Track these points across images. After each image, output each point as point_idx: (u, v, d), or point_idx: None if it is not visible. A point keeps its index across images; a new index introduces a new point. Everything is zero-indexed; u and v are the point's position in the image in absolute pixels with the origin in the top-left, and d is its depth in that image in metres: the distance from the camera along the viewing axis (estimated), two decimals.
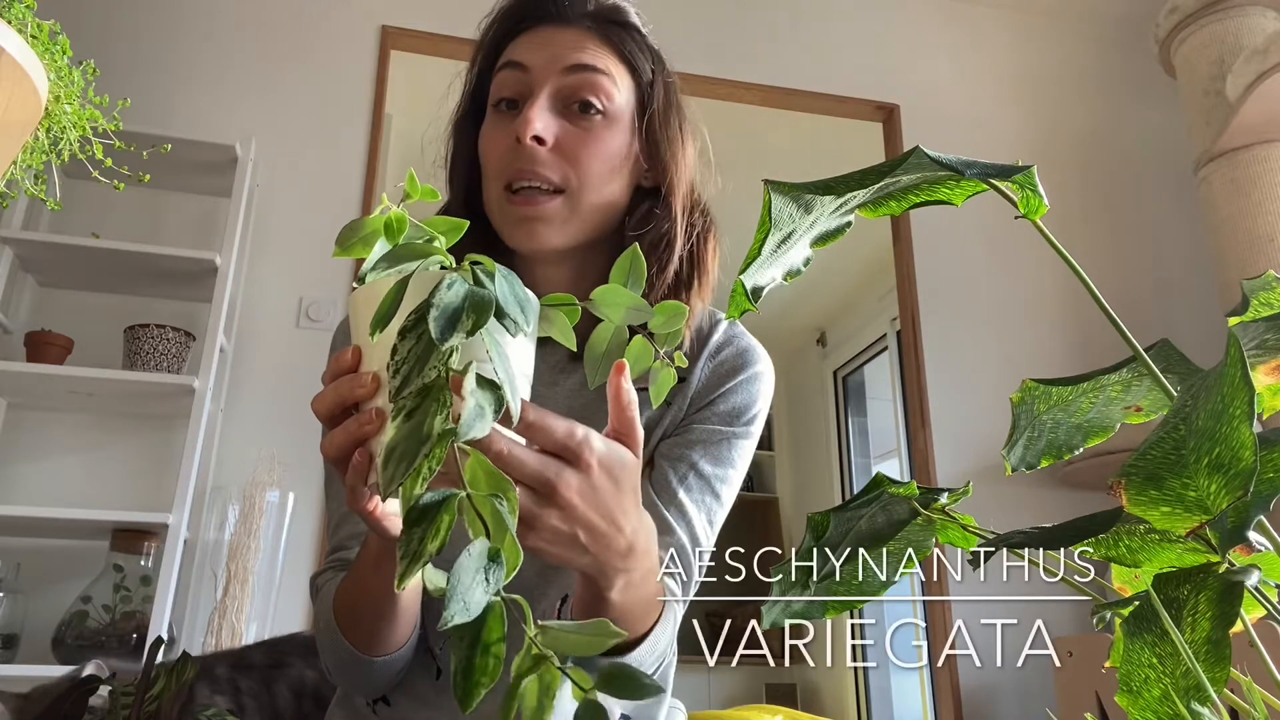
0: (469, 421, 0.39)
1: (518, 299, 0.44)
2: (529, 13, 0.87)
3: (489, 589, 0.36)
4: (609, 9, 0.89)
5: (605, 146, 0.85)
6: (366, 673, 0.80)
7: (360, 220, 0.47)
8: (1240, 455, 0.33)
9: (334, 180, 2.59)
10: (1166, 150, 3.22)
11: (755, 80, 3.02)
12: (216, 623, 2.00)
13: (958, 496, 0.47)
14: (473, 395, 0.40)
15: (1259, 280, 0.48)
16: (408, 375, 0.40)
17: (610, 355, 0.54)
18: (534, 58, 0.85)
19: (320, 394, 0.51)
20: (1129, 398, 0.49)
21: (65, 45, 0.93)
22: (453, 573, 0.36)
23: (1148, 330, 1.15)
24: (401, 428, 0.39)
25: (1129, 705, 0.37)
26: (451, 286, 0.41)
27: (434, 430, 0.38)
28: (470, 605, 0.35)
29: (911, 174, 0.42)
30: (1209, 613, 0.35)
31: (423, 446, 0.38)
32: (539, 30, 0.87)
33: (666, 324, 0.53)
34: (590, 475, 0.52)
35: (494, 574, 0.36)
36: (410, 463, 0.38)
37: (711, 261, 0.91)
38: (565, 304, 0.52)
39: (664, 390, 0.54)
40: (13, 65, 0.58)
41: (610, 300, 0.52)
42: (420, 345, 0.40)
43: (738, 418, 0.89)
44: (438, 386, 0.40)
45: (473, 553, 0.36)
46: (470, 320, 0.40)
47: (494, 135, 0.86)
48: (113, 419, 2.30)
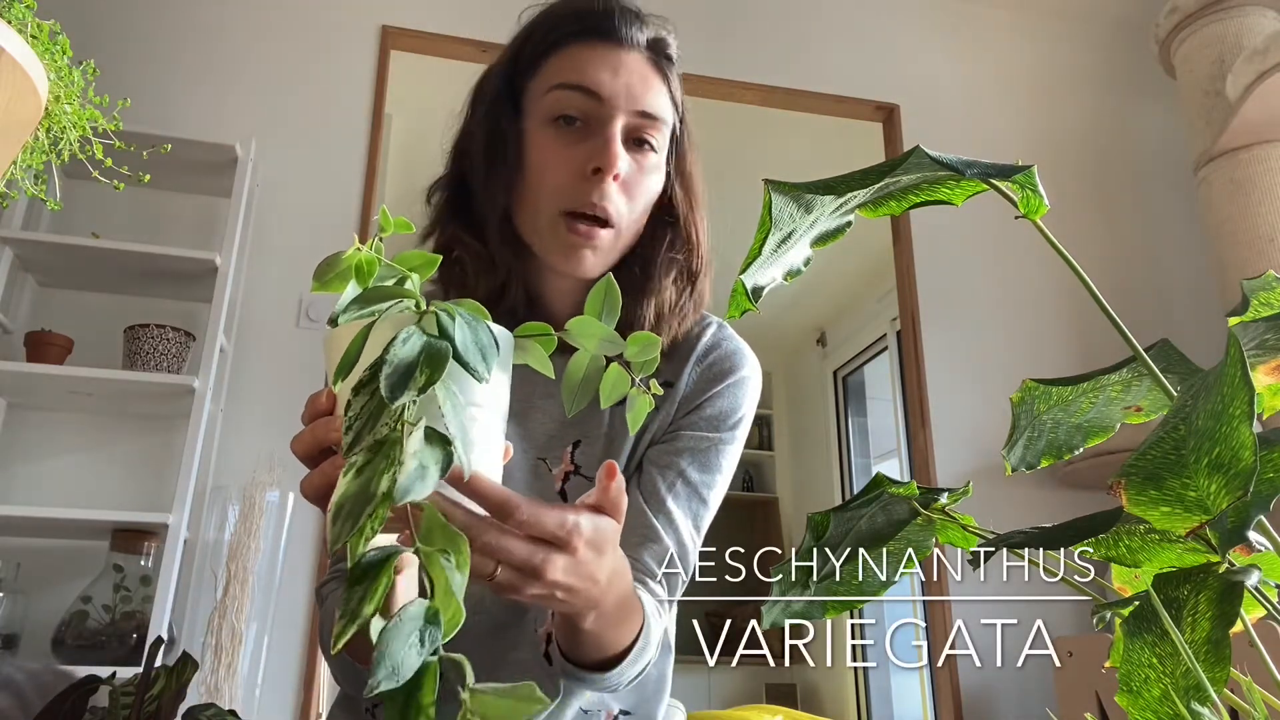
0: (407, 484, 0.38)
1: (479, 346, 0.43)
2: (594, 26, 0.86)
3: (423, 651, 0.35)
4: (661, 42, 0.89)
5: (653, 186, 0.87)
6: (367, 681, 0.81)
7: (336, 256, 0.46)
8: (1240, 455, 0.33)
9: (334, 180, 2.59)
10: (1166, 150, 3.22)
11: (755, 80, 3.02)
12: (216, 623, 1.99)
13: (958, 496, 0.47)
14: (415, 456, 0.39)
15: (1259, 280, 0.48)
16: (359, 432, 0.40)
17: (587, 383, 0.54)
18: (608, 87, 0.84)
19: (298, 435, 0.52)
20: (1129, 398, 0.49)
21: (65, 45, 0.93)
22: (381, 635, 0.35)
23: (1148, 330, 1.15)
24: (350, 484, 0.38)
25: (1129, 705, 0.37)
26: (407, 341, 0.40)
27: (378, 490, 0.38)
28: (400, 670, 0.35)
29: (911, 174, 0.42)
30: (1209, 613, 0.35)
31: (367, 506, 0.37)
32: (602, 48, 0.85)
33: (641, 353, 0.53)
34: (576, 556, 0.54)
35: (430, 635, 0.36)
36: (355, 521, 0.37)
37: (708, 289, 0.94)
38: (540, 334, 0.52)
39: (640, 417, 0.55)
40: (13, 65, 0.58)
41: (585, 331, 0.52)
42: (373, 402, 0.40)
43: (723, 422, 0.90)
44: (390, 443, 0.39)
45: (406, 615, 0.36)
46: (423, 377, 0.39)
47: (562, 154, 0.84)
48: (113, 419, 2.30)
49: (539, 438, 0.90)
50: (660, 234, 0.90)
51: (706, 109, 3.18)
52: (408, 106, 3.00)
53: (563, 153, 0.84)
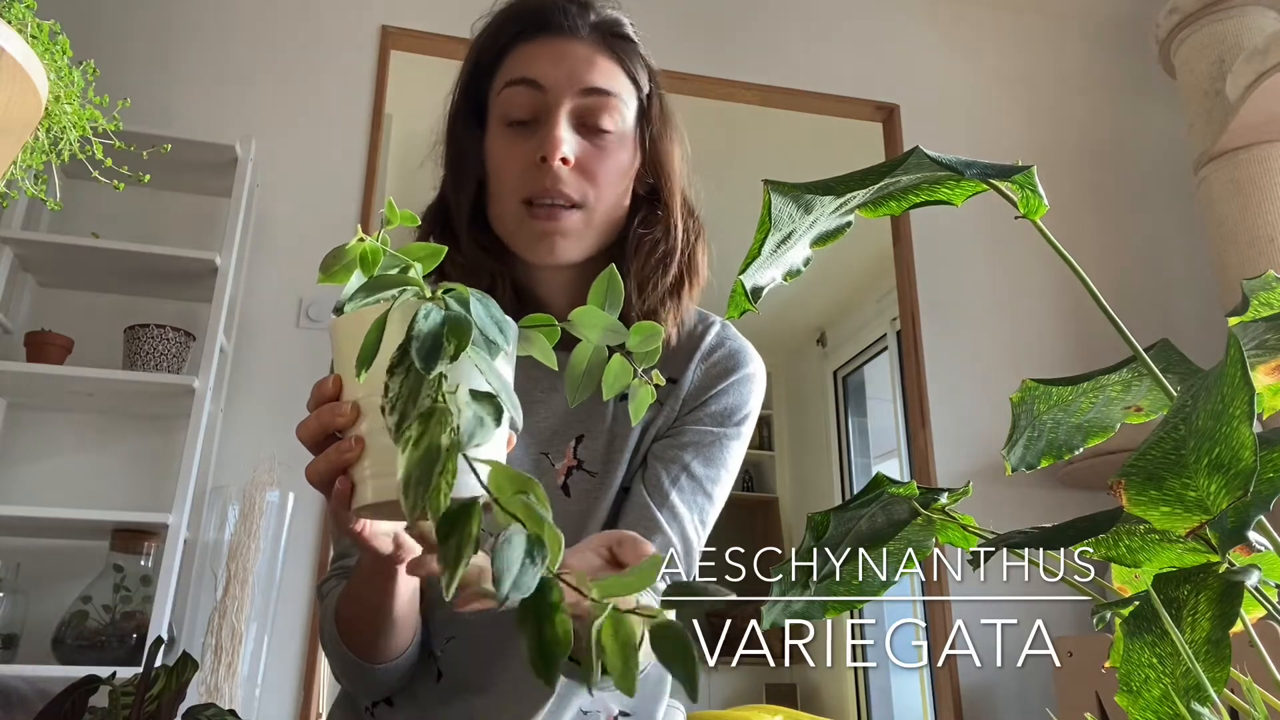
0: (469, 430, 0.39)
1: (495, 320, 0.44)
2: (534, 22, 0.88)
3: (538, 569, 0.36)
4: (610, 22, 0.89)
5: (618, 163, 0.87)
6: (368, 678, 0.82)
7: (341, 248, 0.47)
8: (1240, 455, 0.33)
9: (334, 180, 2.59)
10: (1166, 150, 3.22)
11: (755, 80, 3.02)
12: (216, 623, 1.99)
13: (958, 496, 0.47)
14: (469, 406, 0.40)
15: (1259, 280, 0.48)
16: (404, 410, 0.40)
17: (590, 374, 0.55)
18: (550, 76, 0.85)
19: (304, 421, 0.53)
20: (1129, 398, 0.49)
21: (65, 45, 0.93)
22: (498, 556, 0.35)
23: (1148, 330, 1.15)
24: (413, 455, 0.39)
25: (1129, 705, 0.37)
26: (428, 316, 0.41)
27: (442, 445, 0.39)
28: (522, 585, 0.35)
29: (911, 174, 0.42)
30: (1209, 613, 0.35)
31: (435, 465, 0.38)
32: (547, 42, 0.87)
33: (643, 343, 0.54)
34: None
35: (540, 555, 0.36)
36: (428, 482, 0.38)
37: (702, 263, 0.94)
38: (544, 324, 0.53)
39: (642, 408, 0.55)
40: (13, 65, 0.58)
41: (588, 322, 0.53)
42: (410, 379, 0.41)
43: (729, 418, 0.90)
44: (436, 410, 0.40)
45: (512, 539, 0.36)
46: (452, 344, 0.40)
47: (511, 151, 0.86)
48: (113, 419, 2.30)
49: (542, 432, 0.91)
50: (636, 211, 0.91)
51: (706, 109, 3.18)
52: (408, 106, 2.99)
53: (515, 149, 0.86)
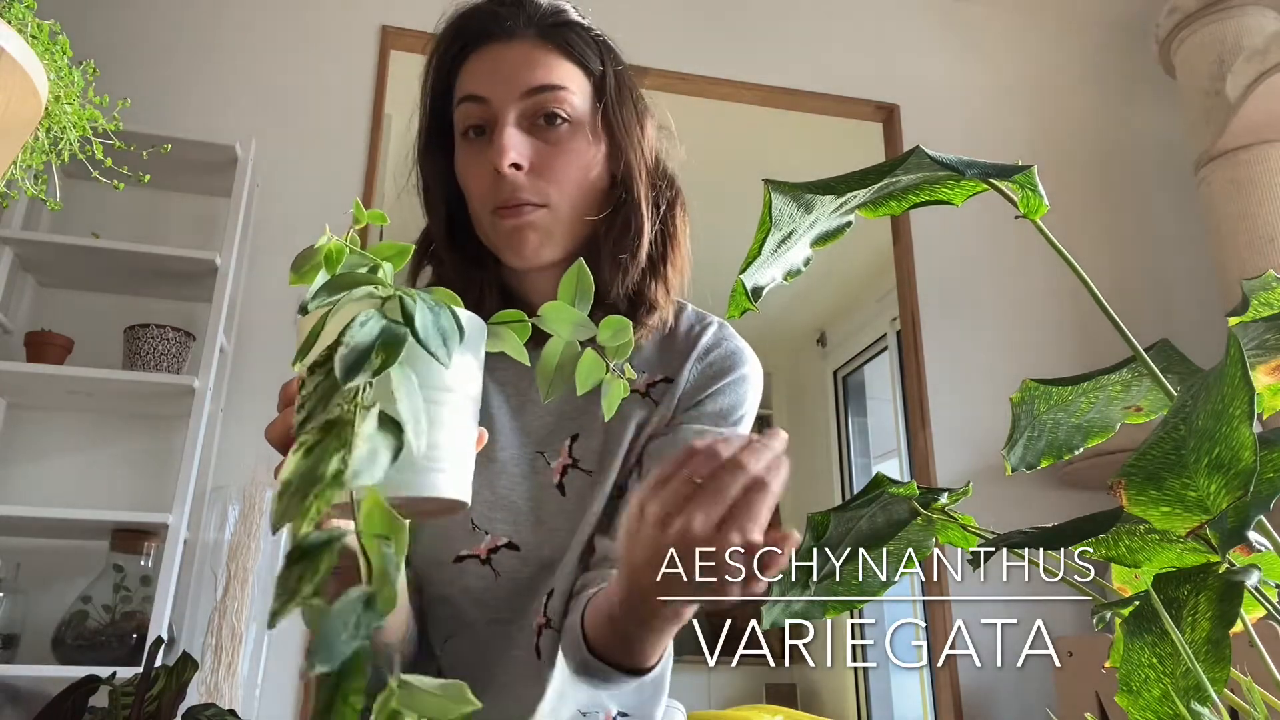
0: (358, 468, 0.37)
1: (440, 330, 0.43)
2: (471, 36, 0.88)
3: (357, 636, 0.35)
4: (547, 12, 0.89)
5: (576, 154, 0.87)
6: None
7: (311, 248, 0.47)
8: (1240, 455, 0.33)
9: (334, 180, 2.59)
10: (1166, 150, 3.22)
11: (755, 80, 3.01)
12: (216, 623, 1.99)
13: (958, 496, 0.47)
14: (369, 440, 0.38)
15: (1259, 280, 0.48)
16: (311, 411, 0.39)
17: (562, 369, 0.54)
18: (490, 88, 0.85)
19: (272, 422, 0.52)
20: (1129, 398, 0.49)
21: (65, 45, 0.93)
22: (321, 620, 0.35)
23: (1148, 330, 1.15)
24: (300, 462, 0.38)
25: (1129, 705, 0.37)
26: (365, 324, 0.40)
27: (327, 471, 0.37)
28: (334, 655, 0.35)
29: (911, 174, 0.42)
30: (1209, 613, 0.35)
31: (315, 486, 0.37)
32: (486, 51, 0.87)
33: (614, 338, 0.53)
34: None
35: (365, 621, 0.35)
36: (302, 501, 0.36)
37: (681, 231, 0.93)
38: (514, 320, 0.52)
39: (614, 403, 0.55)
40: (13, 65, 0.58)
41: (557, 317, 0.53)
42: (328, 382, 0.39)
43: (725, 418, 0.90)
44: (341, 424, 0.38)
45: (345, 601, 0.35)
46: (379, 360, 0.39)
47: (472, 166, 0.87)
48: (113, 419, 2.30)
49: (537, 431, 0.91)
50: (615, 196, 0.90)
51: (706, 109, 3.18)
52: (408, 106, 2.99)
53: (474, 163, 0.87)
